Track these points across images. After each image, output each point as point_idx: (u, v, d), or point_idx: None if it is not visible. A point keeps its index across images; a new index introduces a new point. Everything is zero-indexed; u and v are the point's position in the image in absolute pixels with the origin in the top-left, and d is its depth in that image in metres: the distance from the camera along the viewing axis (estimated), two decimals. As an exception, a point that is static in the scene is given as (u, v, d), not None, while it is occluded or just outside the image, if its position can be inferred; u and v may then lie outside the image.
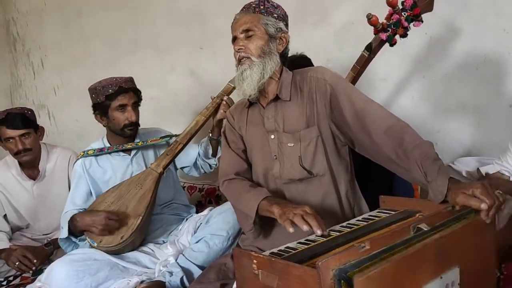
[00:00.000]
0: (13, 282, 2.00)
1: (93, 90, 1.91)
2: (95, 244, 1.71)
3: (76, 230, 1.79)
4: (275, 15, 1.44)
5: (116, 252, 1.73)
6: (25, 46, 3.48)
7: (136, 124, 1.95)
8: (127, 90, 1.90)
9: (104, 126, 2.00)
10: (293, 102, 1.45)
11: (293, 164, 1.42)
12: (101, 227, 1.68)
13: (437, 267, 0.89)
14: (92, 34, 3.19)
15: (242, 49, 1.41)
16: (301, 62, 1.88)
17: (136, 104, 1.95)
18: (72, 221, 1.77)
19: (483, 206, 0.97)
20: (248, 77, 1.39)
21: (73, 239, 1.83)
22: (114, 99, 1.88)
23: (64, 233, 1.79)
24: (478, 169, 1.72)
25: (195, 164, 2.12)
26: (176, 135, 1.99)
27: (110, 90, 1.87)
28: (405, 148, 1.19)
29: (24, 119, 2.11)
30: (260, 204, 1.33)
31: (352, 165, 1.51)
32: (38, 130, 2.21)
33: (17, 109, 2.15)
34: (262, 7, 1.43)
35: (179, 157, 2.04)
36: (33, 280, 1.86)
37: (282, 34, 1.45)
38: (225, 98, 1.91)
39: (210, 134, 2.02)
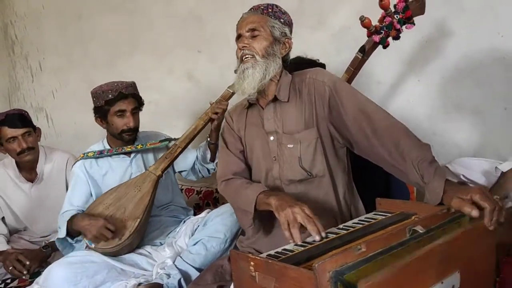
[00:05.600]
0: (10, 285, 1.99)
1: (94, 94, 1.92)
2: (93, 246, 1.71)
3: (73, 230, 1.79)
4: (281, 20, 1.46)
5: (113, 254, 1.73)
6: (23, 49, 3.48)
7: (135, 130, 1.95)
8: (127, 96, 1.90)
9: (104, 128, 2.01)
10: (291, 103, 1.45)
11: (292, 165, 1.42)
12: (95, 233, 1.67)
13: (439, 272, 0.90)
14: (90, 37, 3.19)
15: (246, 46, 1.42)
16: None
17: (135, 110, 1.95)
18: (71, 220, 1.77)
19: (474, 213, 0.98)
20: (249, 75, 1.39)
21: (69, 240, 1.83)
22: (114, 105, 1.88)
23: (62, 232, 1.79)
24: (496, 167, 1.71)
25: (193, 168, 2.13)
26: (175, 139, 2.00)
27: (110, 96, 1.87)
28: (402, 150, 1.20)
29: (23, 119, 2.13)
30: (257, 198, 1.34)
31: (349, 167, 1.52)
32: (36, 131, 2.22)
33: (14, 110, 2.17)
34: (270, 10, 1.46)
35: (177, 161, 2.04)
36: (30, 283, 1.85)
37: (286, 39, 1.47)
38: (224, 103, 1.91)
39: (209, 139, 2.02)
